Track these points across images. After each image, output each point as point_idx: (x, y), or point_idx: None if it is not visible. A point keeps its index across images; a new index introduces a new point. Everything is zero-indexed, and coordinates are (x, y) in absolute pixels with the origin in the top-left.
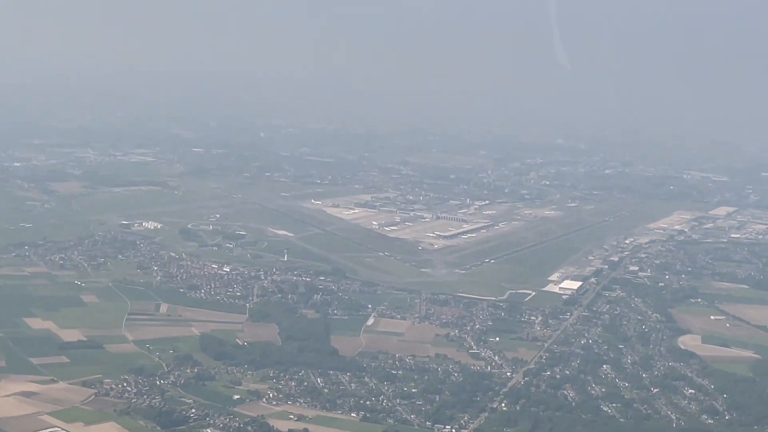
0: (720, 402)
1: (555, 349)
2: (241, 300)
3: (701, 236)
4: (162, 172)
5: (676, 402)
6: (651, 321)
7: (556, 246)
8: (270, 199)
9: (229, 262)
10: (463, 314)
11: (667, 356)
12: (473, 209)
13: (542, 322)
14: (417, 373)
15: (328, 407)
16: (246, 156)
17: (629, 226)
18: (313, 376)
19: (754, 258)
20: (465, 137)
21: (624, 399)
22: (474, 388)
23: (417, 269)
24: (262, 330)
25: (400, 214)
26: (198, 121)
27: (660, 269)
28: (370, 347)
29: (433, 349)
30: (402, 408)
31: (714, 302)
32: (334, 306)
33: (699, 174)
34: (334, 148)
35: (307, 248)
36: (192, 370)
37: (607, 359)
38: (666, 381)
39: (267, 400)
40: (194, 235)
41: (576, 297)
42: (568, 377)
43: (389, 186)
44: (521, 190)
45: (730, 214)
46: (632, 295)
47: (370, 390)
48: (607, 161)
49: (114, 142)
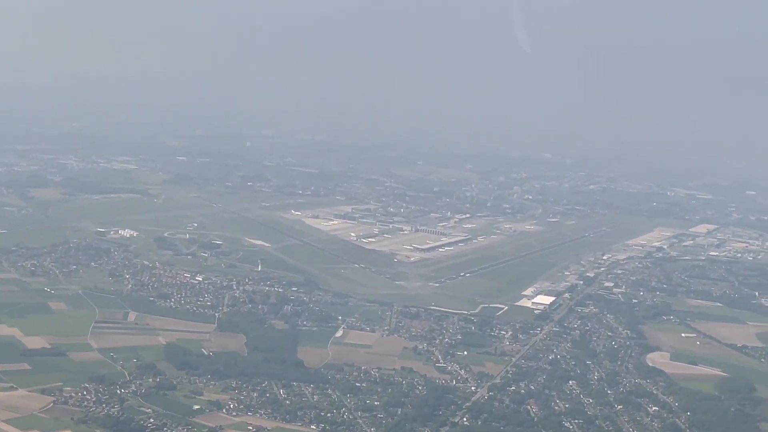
0: (683, 420)
1: (522, 364)
2: (210, 310)
3: (679, 253)
4: (144, 179)
5: (639, 419)
6: (621, 337)
7: (532, 261)
8: (250, 209)
9: (203, 272)
10: (433, 327)
11: (634, 373)
12: (453, 222)
13: (512, 336)
14: (381, 385)
15: (288, 419)
16: (230, 165)
17: (608, 242)
18: (276, 388)
19: (731, 276)
20: (452, 150)
21: (587, 415)
22: (437, 402)
23: (391, 282)
24: (228, 340)
25: (379, 226)
26: (185, 130)
27: (635, 286)
28: (336, 359)
29: (399, 362)
30: (363, 421)
31: (686, 320)
32: (304, 317)
33: (683, 191)
34: (320, 159)
35: (283, 259)
36: (154, 379)
37: (574, 375)
38: (630, 398)
39: (227, 410)
40: (170, 243)
41: (548, 312)
42: (533, 392)
43: (371, 198)
44: (503, 204)
45: (711, 231)
46: (605, 311)
47: (332, 402)
48: (593, 176)
49: (98, 149)
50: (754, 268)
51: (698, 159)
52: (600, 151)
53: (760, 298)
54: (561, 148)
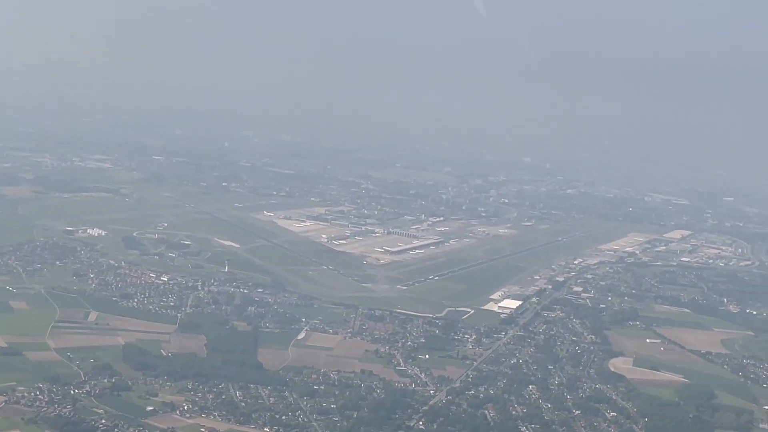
0: (640, 426)
1: (483, 368)
2: (173, 310)
3: (651, 259)
4: (117, 178)
5: (596, 425)
6: (585, 342)
7: (503, 264)
8: (222, 210)
9: (168, 272)
10: (396, 330)
11: (595, 378)
12: (426, 225)
13: (475, 340)
14: (339, 388)
15: (242, 421)
16: (206, 165)
17: (581, 247)
18: (233, 389)
19: (701, 282)
20: (432, 153)
21: (544, 420)
22: (394, 406)
23: (359, 284)
24: (189, 341)
25: (352, 228)
26: (164, 129)
27: (603, 291)
28: (296, 361)
29: (360, 364)
30: (318, 424)
31: (652, 325)
32: (267, 319)
33: (660, 196)
34: (298, 160)
35: (251, 260)
36: (109, 380)
37: (534, 380)
38: (589, 403)
39: (181, 412)
40: (137, 243)
41: (514, 316)
42: (492, 397)
43: (346, 199)
44: (479, 207)
45: (685, 237)
46: (571, 316)
47: (288, 405)
48: (571, 181)
49: (74, 147)
50: (724, 275)
51: (678, 165)
52: (579, 155)
53: (728, 304)
54: (540, 152)
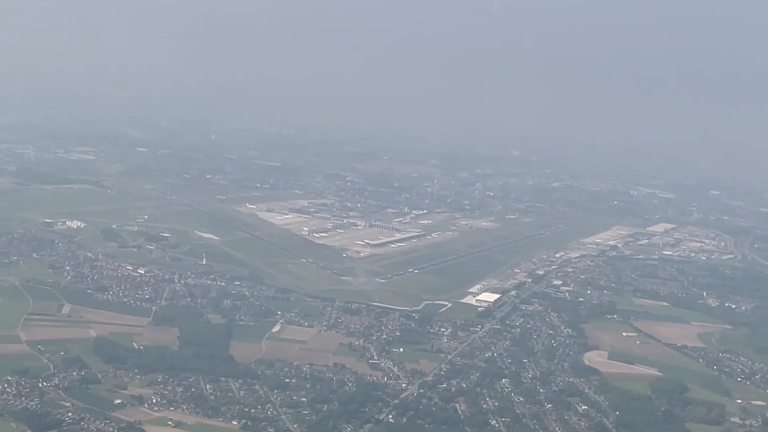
0: (611, 419)
1: (457, 361)
2: (148, 303)
3: (633, 252)
4: (100, 170)
5: (567, 418)
6: (562, 336)
7: (484, 258)
8: (204, 202)
9: (146, 264)
10: (372, 324)
11: (569, 372)
12: (409, 218)
13: (451, 334)
14: (311, 382)
15: (211, 414)
16: (191, 157)
17: (563, 240)
18: (203, 383)
19: (681, 276)
20: (419, 147)
21: (515, 414)
22: (365, 399)
23: (337, 277)
24: (162, 334)
25: (333, 221)
26: (150, 121)
27: (583, 284)
28: (269, 355)
29: (333, 358)
30: (287, 417)
31: (629, 319)
32: (243, 312)
33: (646, 190)
34: (284, 153)
35: (230, 252)
36: (79, 373)
37: (508, 373)
38: (561, 397)
39: (149, 405)
40: (116, 235)
41: (491, 310)
42: (464, 390)
43: (330, 192)
44: (463, 200)
45: (668, 231)
46: (549, 310)
47: (258, 398)
48: (557, 174)
49: (58, 139)
50: (705, 268)
51: (666, 159)
52: (568, 149)
53: (708, 298)
54: (529, 145)
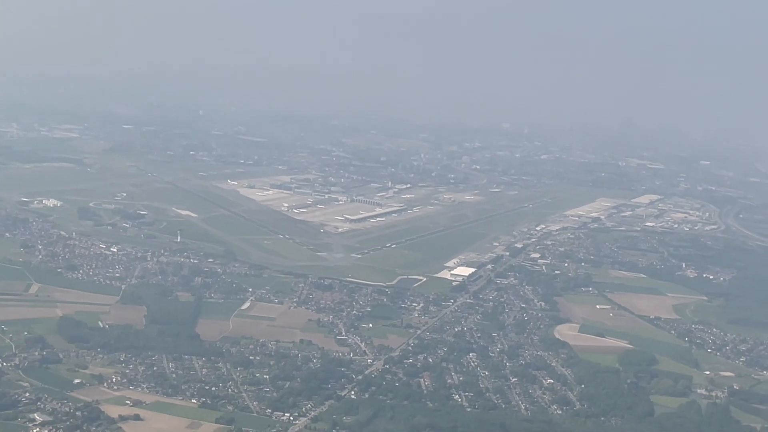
0: (575, 392)
1: (426, 336)
2: (118, 281)
3: (616, 224)
4: (83, 148)
5: (531, 392)
6: (534, 309)
7: (464, 231)
8: (185, 179)
9: (119, 243)
10: (344, 299)
11: (538, 345)
12: (392, 193)
13: (423, 308)
14: (275, 359)
15: (171, 393)
16: (176, 134)
17: (546, 213)
18: (166, 361)
19: (662, 247)
20: (409, 120)
21: (479, 388)
22: (328, 376)
23: (313, 253)
24: (129, 312)
25: (315, 197)
26: (138, 98)
27: (561, 257)
28: (236, 332)
29: (301, 334)
30: (247, 394)
31: (605, 291)
32: (213, 289)
33: (636, 161)
34: (271, 128)
35: (207, 229)
36: (40, 352)
37: (476, 347)
38: (528, 370)
39: (108, 384)
40: (92, 214)
41: (466, 284)
42: (430, 365)
43: (315, 167)
44: (449, 173)
45: (653, 202)
46: (524, 283)
47: (220, 376)
48: (547, 147)
49: (43, 117)
50: (687, 239)
51: (659, 130)
52: (560, 122)
53: (686, 269)
54: (520, 118)
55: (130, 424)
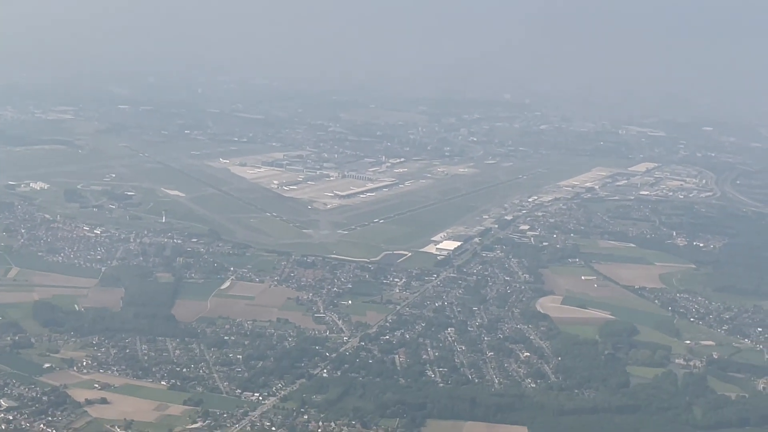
0: (551, 365)
1: (405, 312)
2: (99, 264)
3: (609, 193)
4: (76, 130)
5: (507, 366)
6: (518, 282)
7: (454, 205)
8: (177, 158)
9: (104, 224)
10: (325, 277)
11: (518, 318)
12: (385, 167)
13: (405, 284)
14: (250, 338)
15: (141, 375)
16: (172, 113)
17: (540, 184)
18: (140, 343)
19: (654, 215)
20: (410, 93)
21: (454, 364)
22: (302, 354)
23: (299, 230)
24: (106, 295)
25: (306, 173)
26: (137, 77)
27: (550, 228)
28: (213, 312)
29: (279, 313)
30: (218, 375)
31: (591, 262)
32: (195, 269)
33: (637, 129)
34: (270, 105)
35: (194, 209)
36: (13, 337)
37: (455, 322)
38: (505, 344)
39: (78, 368)
40: (79, 195)
41: (451, 258)
42: (406, 341)
43: (310, 143)
44: (445, 146)
45: (650, 170)
46: (510, 256)
47: (192, 357)
48: (548, 116)
49: (39, 99)
50: (681, 207)
51: (663, 96)
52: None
53: (677, 237)
54: (522, 89)
55: (96, 407)
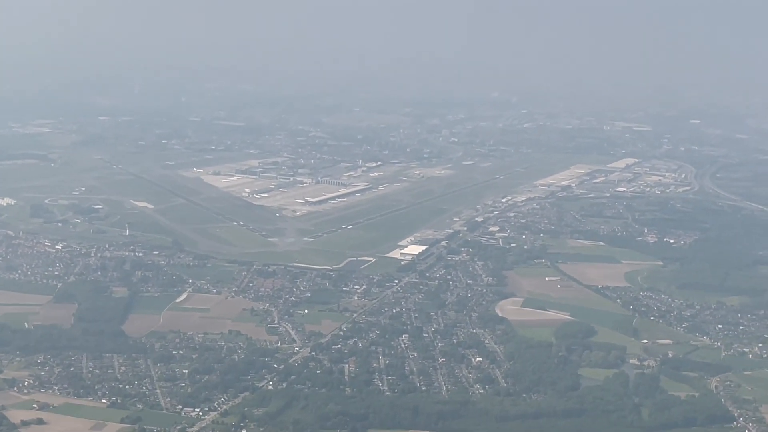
0: (502, 370)
1: (361, 320)
2: (56, 280)
3: (585, 191)
4: (52, 143)
5: (456, 372)
6: (480, 285)
7: (426, 208)
8: (150, 169)
9: (66, 239)
10: (285, 286)
11: (475, 323)
12: (360, 171)
13: (364, 291)
14: (199, 352)
15: (82, 393)
16: (152, 122)
17: (515, 184)
18: (86, 361)
19: (628, 212)
20: (396, 94)
21: (403, 371)
22: (249, 367)
23: (264, 239)
24: (59, 311)
25: (279, 180)
26: (122, 87)
27: (520, 229)
28: (165, 326)
29: (232, 324)
30: (161, 391)
31: (557, 262)
32: (153, 282)
33: (622, 124)
34: (252, 111)
35: (160, 220)
36: None
37: (410, 329)
38: (458, 350)
39: (19, 388)
40: (45, 210)
41: (415, 262)
42: (358, 350)
43: (287, 150)
44: (425, 148)
45: (629, 166)
46: (475, 258)
47: (137, 373)
48: (533, 114)
49: (19, 112)
50: (656, 203)
51: (652, 89)
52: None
53: (648, 234)
54: (511, 87)
55: (32, 428)
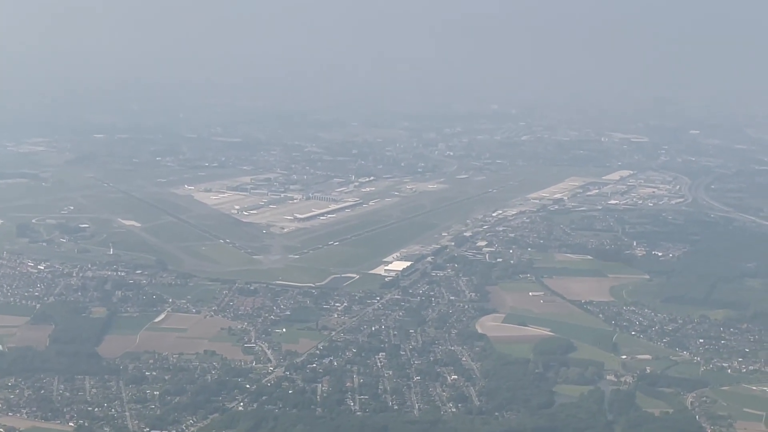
0: (477, 388)
1: (339, 338)
2: (35, 301)
3: (577, 204)
4: (45, 162)
5: (431, 390)
6: (463, 301)
7: (415, 223)
8: (141, 187)
9: (50, 259)
10: (265, 304)
11: (454, 340)
12: (353, 186)
13: (345, 308)
14: (172, 372)
15: (50, 417)
16: (147, 140)
17: (508, 197)
18: (57, 383)
19: (618, 225)
20: (395, 109)
21: (376, 391)
22: (221, 388)
23: (249, 256)
24: (35, 333)
25: (270, 196)
26: (121, 104)
27: (508, 243)
28: (140, 347)
29: (208, 344)
30: (130, 413)
31: (542, 277)
32: (133, 302)
33: (620, 135)
34: (249, 127)
35: (146, 239)
36: None
37: (387, 347)
38: (434, 368)
39: None
40: (31, 230)
41: (398, 279)
42: (333, 369)
43: (280, 166)
44: (420, 162)
45: (624, 178)
46: (460, 274)
47: (107, 395)
48: (531, 126)
49: (14, 131)
50: (647, 216)
51: (652, 100)
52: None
53: (636, 248)
54: (511, 99)
55: None
